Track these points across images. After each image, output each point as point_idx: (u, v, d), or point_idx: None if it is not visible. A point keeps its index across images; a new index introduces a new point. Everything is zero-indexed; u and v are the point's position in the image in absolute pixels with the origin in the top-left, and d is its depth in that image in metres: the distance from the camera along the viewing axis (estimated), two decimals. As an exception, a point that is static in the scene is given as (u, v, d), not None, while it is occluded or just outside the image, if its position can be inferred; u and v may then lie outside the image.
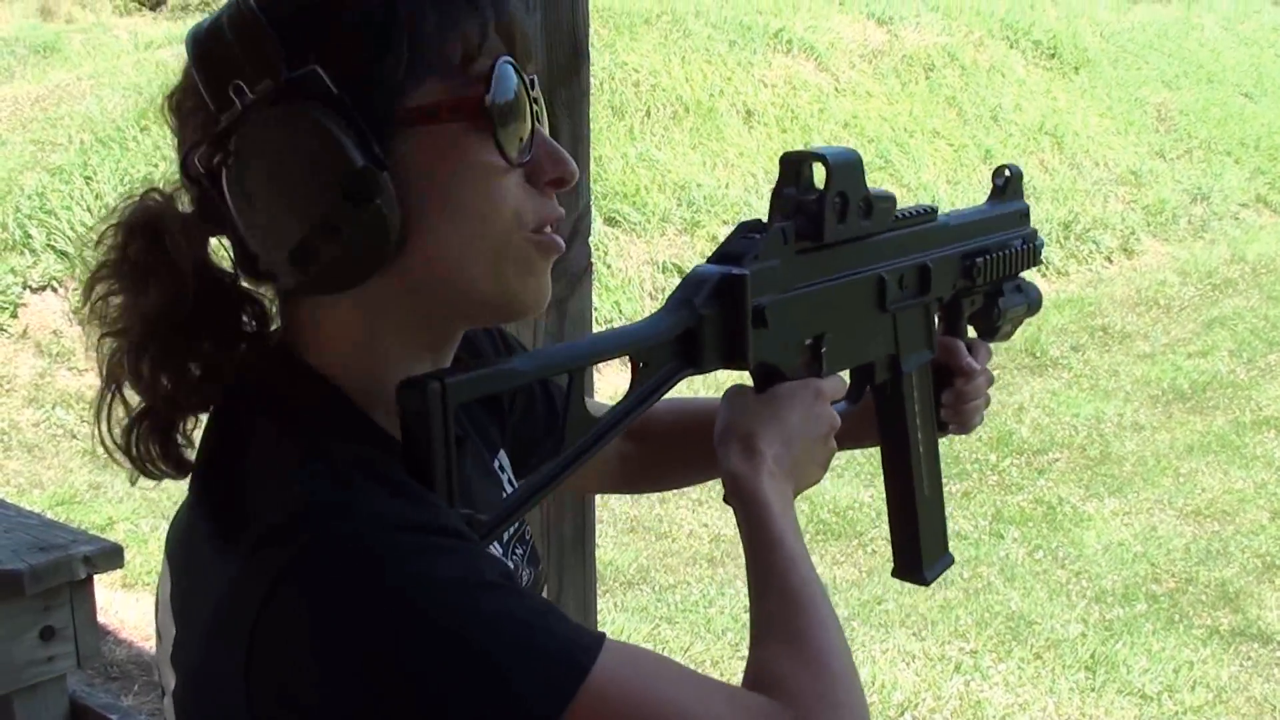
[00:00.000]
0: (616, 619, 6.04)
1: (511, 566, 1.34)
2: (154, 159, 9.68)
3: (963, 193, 12.43)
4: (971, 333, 1.67)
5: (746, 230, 1.30)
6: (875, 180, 11.80)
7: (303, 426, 1.09)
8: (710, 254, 1.31)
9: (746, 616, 1.28)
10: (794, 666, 1.10)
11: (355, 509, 1.02)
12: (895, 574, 1.61)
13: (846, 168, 1.32)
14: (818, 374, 1.37)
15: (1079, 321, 11.18)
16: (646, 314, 1.57)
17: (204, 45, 1.08)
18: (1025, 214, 1.70)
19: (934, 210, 1.51)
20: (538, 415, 1.51)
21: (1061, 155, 14.09)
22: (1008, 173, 1.68)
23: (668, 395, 1.27)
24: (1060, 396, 9.54)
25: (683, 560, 6.88)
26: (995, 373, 1.73)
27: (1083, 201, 13.39)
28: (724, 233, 10.53)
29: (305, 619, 0.98)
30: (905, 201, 1.51)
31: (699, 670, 1.43)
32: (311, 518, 1.01)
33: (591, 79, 2.11)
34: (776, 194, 1.33)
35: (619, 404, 1.22)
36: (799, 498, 1.33)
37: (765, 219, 1.32)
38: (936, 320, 1.58)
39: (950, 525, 1.65)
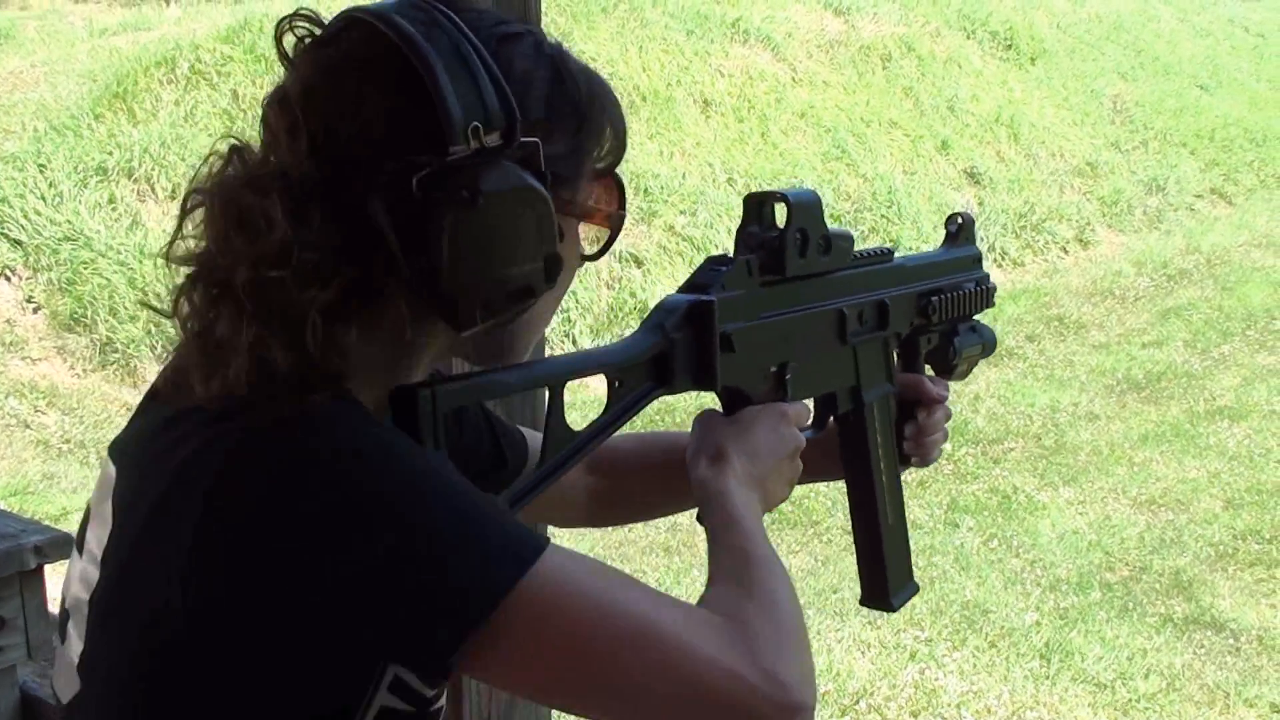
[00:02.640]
0: (574, 608, 6.02)
1: None
2: (108, 147, 9.58)
3: (919, 183, 12.46)
4: (929, 372, 1.75)
5: (713, 263, 1.39)
6: (833, 170, 11.83)
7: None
8: (681, 283, 1.40)
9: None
10: (748, 605, 1.16)
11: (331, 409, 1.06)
12: (863, 601, 1.69)
13: (806, 207, 1.41)
14: (783, 400, 1.43)
15: (1034, 312, 11.24)
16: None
17: (455, 68, 1.08)
18: (978, 259, 1.78)
19: (891, 251, 1.61)
20: (484, 450, 1.55)
21: (1017, 146, 14.14)
22: (960, 220, 1.77)
23: (634, 430, 1.36)
24: (1016, 386, 9.58)
25: (639, 549, 6.88)
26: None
27: (1038, 192, 13.44)
28: (680, 222, 10.61)
29: (262, 481, 1.01)
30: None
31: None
32: (275, 396, 1.04)
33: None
34: (741, 231, 1.42)
35: (596, 419, 1.29)
36: None
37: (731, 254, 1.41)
38: (895, 357, 1.66)
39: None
